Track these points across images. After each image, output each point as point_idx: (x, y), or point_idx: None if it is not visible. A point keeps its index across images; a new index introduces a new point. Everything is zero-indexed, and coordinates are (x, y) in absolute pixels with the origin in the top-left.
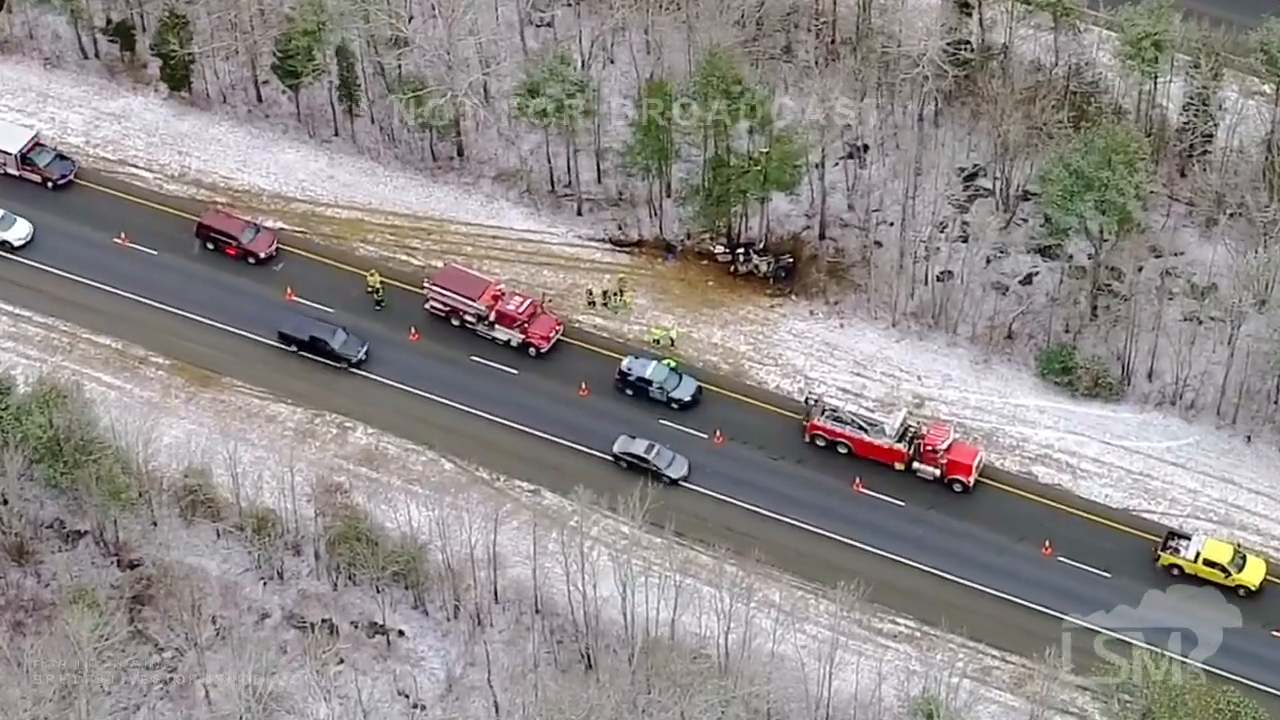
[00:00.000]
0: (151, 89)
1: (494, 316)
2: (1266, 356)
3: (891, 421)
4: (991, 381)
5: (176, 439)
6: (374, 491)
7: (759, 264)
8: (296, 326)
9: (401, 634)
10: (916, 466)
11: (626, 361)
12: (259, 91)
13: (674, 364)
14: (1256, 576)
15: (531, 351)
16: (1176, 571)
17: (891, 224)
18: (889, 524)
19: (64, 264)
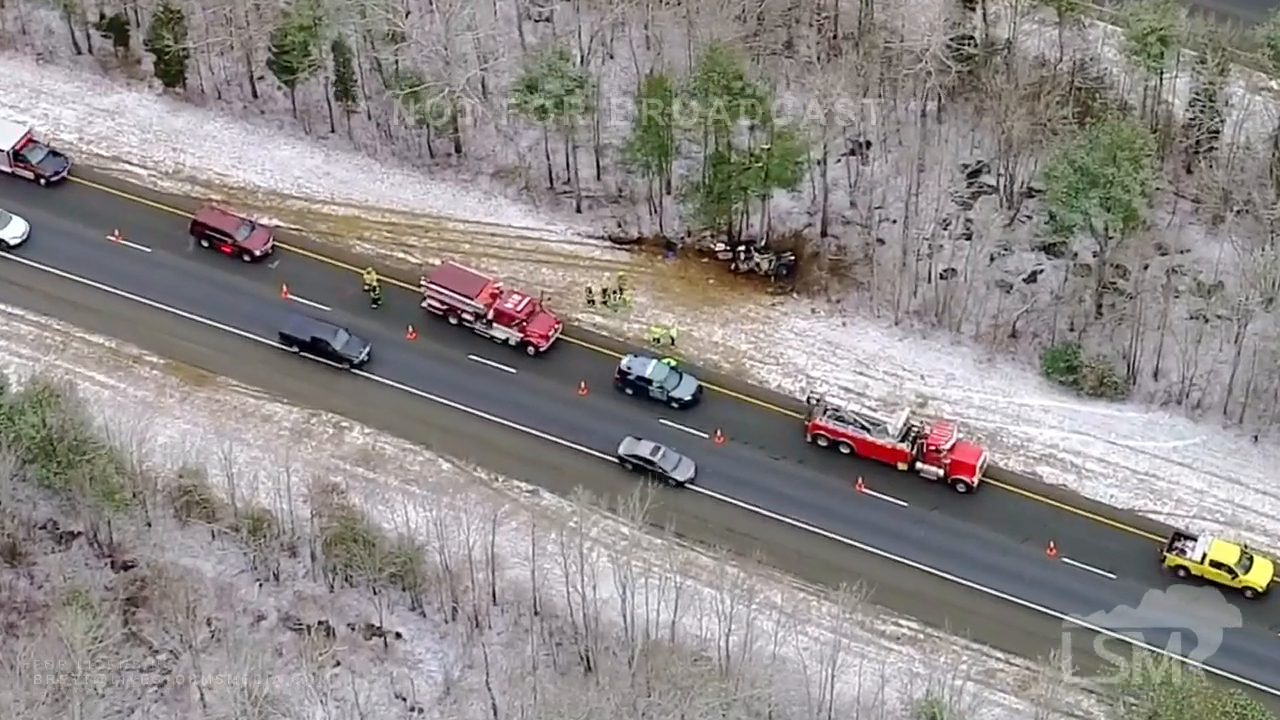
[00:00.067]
0: (146, 85)
1: (492, 315)
2: (1274, 355)
3: (894, 421)
4: (995, 380)
5: (171, 439)
6: (371, 492)
7: (760, 262)
8: (298, 327)
9: (399, 636)
10: (920, 467)
11: (626, 360)
12: (254, 87)
13: (674, 363)
14: (1264, 578)
15: (530, 350)
16: (1183, 573)
17: (894, 221)
18: (892, 525)
19: (57, 262)
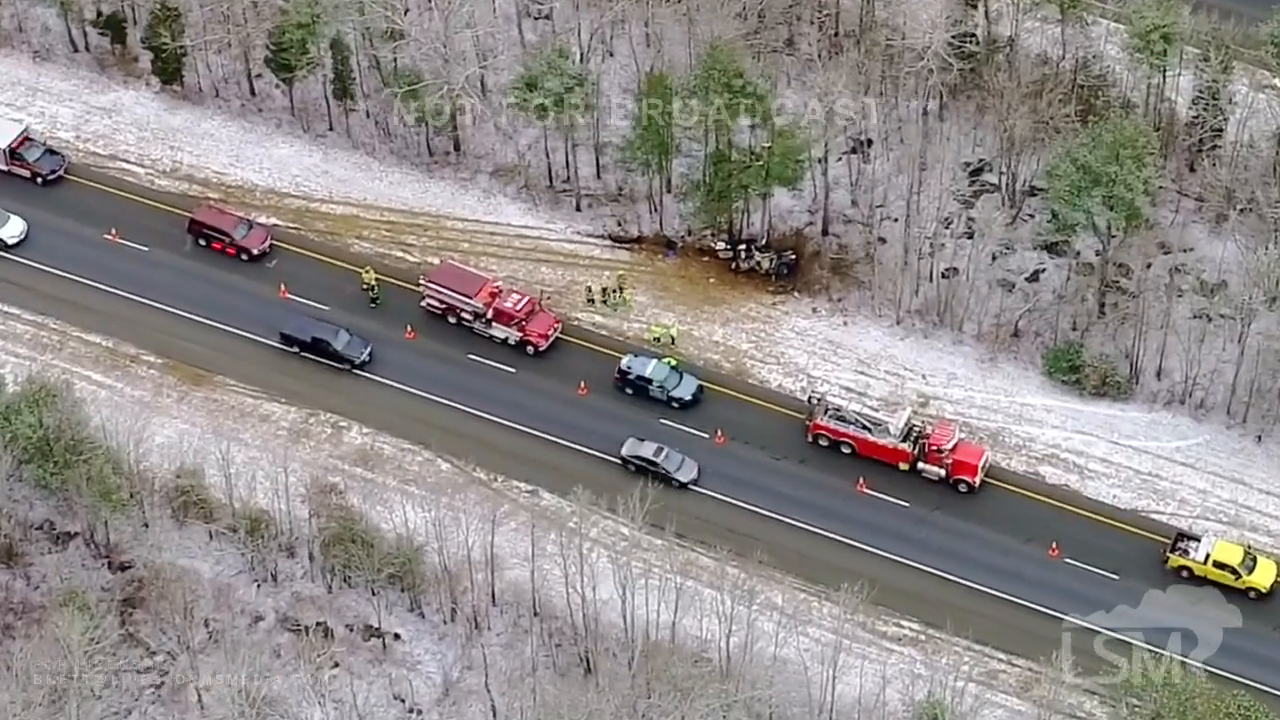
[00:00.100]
0: (143, 83)
1: (491, 314)
2: (1277, 354)
3: (896, 421)
4: (997, 380)
5: (168, 439)
6: (369, 492)
7: (761, 260)
8: (299, 327)
9: (397, 637)
10: (921, 467)
11: (626, 360)
12: (252, 85)
13: (674, 362)
14: (1267, 578)
15: (529, 350)
16: (1186, 573)
17: (896, 220)
18: (893, 525)
19: (54, 261)
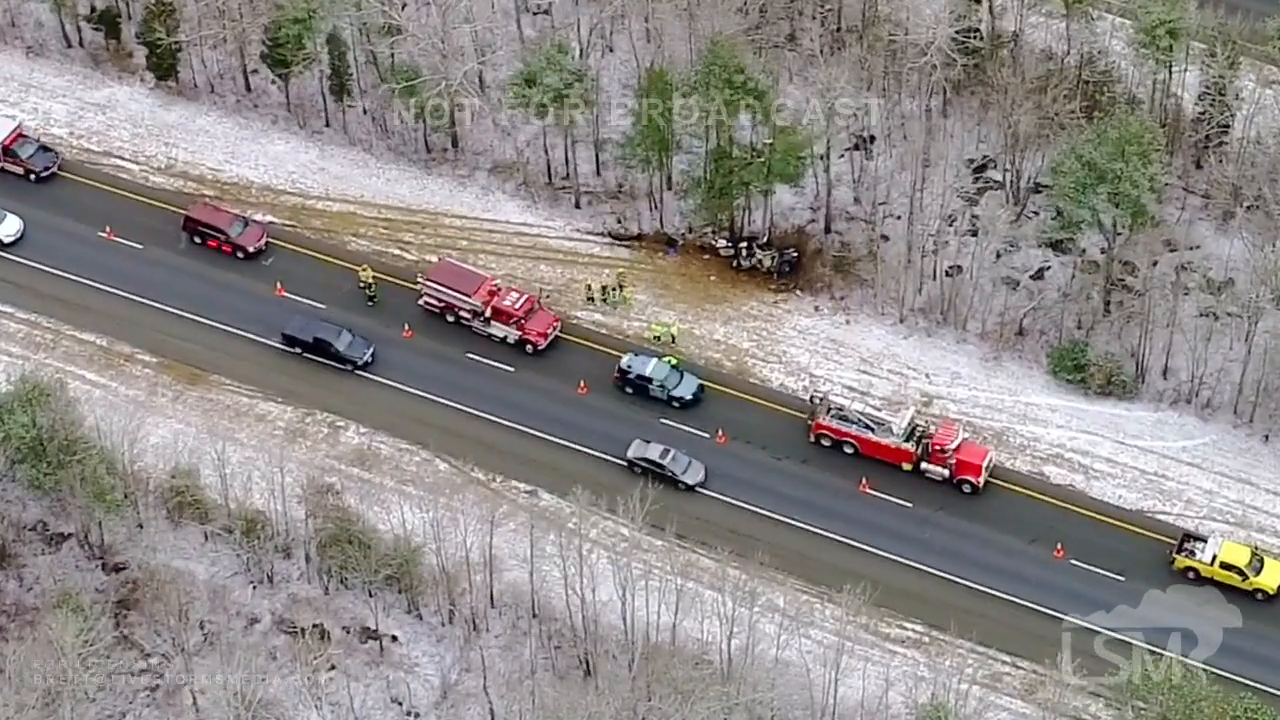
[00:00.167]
0: (137, 78)
1: (490, 312)
2: None
3: (899, 420)
4: (1002, 379)
5: (163, 439)
6: (366, 493)
7: (762, 258)
8: (301, 328)
9: (395, 639)
10: (925, 467)
11: (626, 359)
12: (248, 81)
13: (675, 361)
14: (1275, 579)
15: (529, 349)
16: (1192, 574)
17: (899, 217)
18: (896, 526)
19: (47, 258)
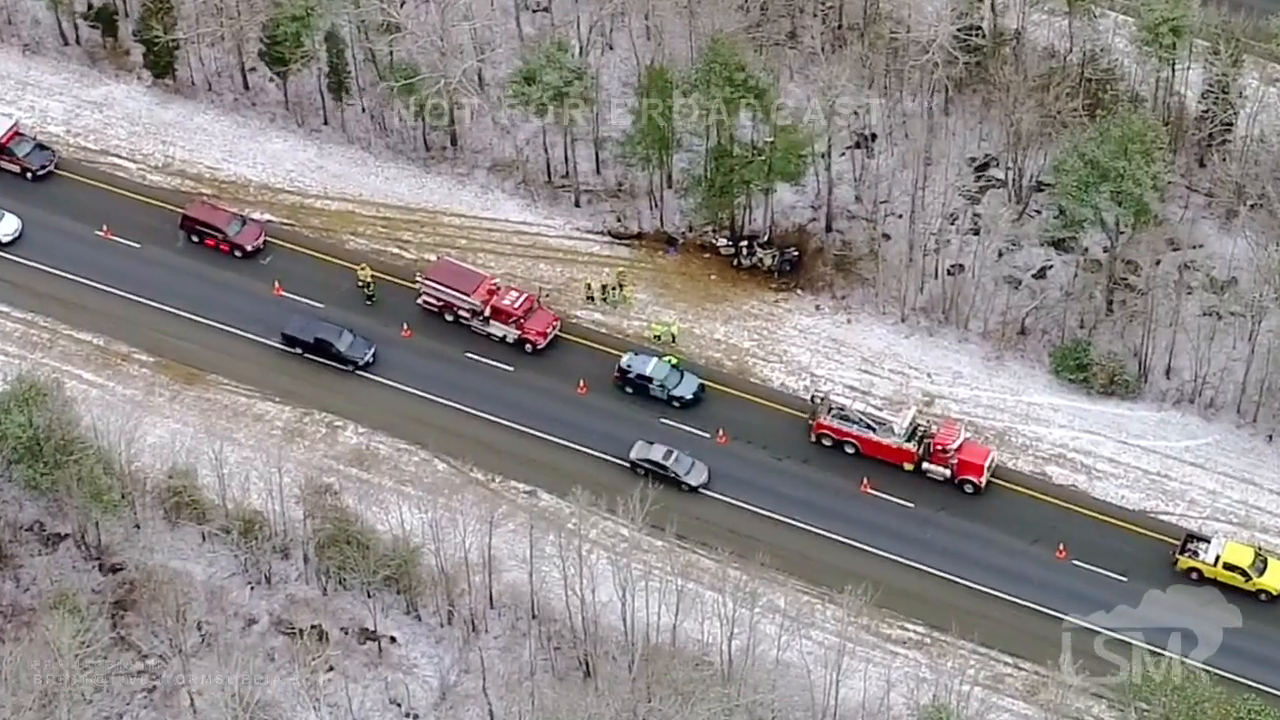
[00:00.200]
0: (134, 76)
1: (489, 312)
2: None
3: (900, 420)
4: (1004, 379)
5: (160, 438)
6: (365, 493)
7: (763, 257)
8: (301, 328)
9: (393, 640)
10: (926, 467)
11: (626, 358)
12: (245, 79)
13: (675, 361)
14: (1278, 580)
15: (528, 348)
16: (1195, 575)
17: (900, 216)
18: (898, 526)
19: (44, 257)
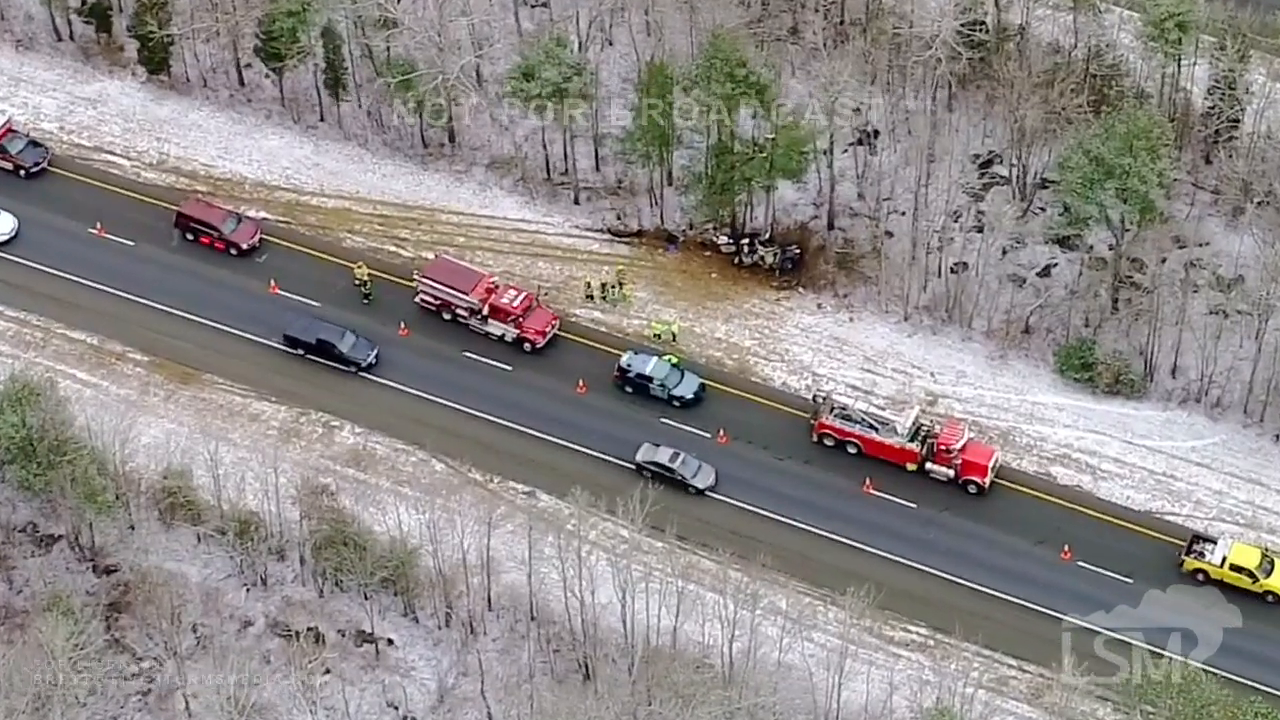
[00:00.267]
0: (129, 72)
1: (487, 310)
2: None
3: (903, 420)
4: (1008, 378)
5: (155, 439)
6: (362, 494)
7: (764, 255)
8: (303, 329)
9: (390, 642)
10: (929, 467)
11: (626, 357)
12: (241, 75)
13: (676, 360)
14: None
15: (526, 347)
16: (1202, 576)
17: (903, 213)
18: (900, 527)
19: (37, 256)
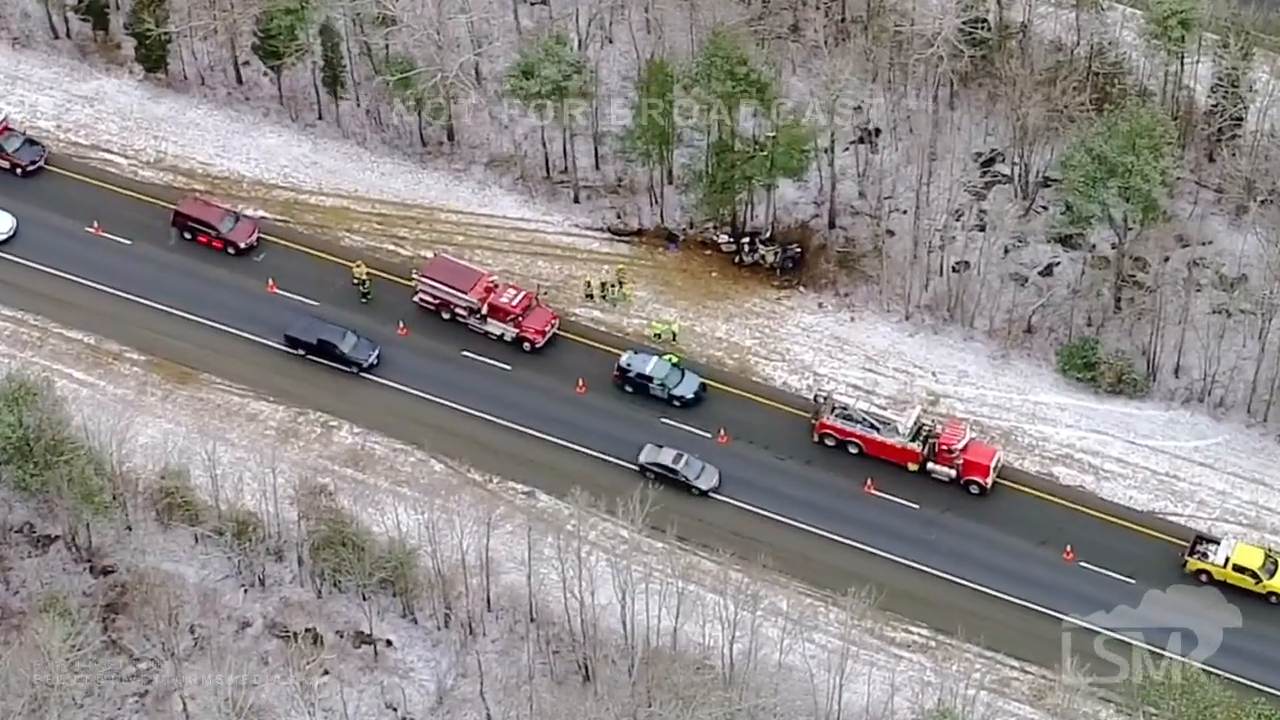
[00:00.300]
0: (126, 70)
1: (486, 310)
2: None
3: (905, 420)
4: (1010, 377)
5: (152, 439)
6: (360, 494)
7: (765, 254)
8: (305, 329)
9: (389, 644)
10: (931, 467)
11: (626, 357)
12: (239, 73)
13: (676, 359)
14: None
15: (526, 346)
16: (1205, 577)
17: (905, 212)
18: (902, 527)
19: (34, 254)
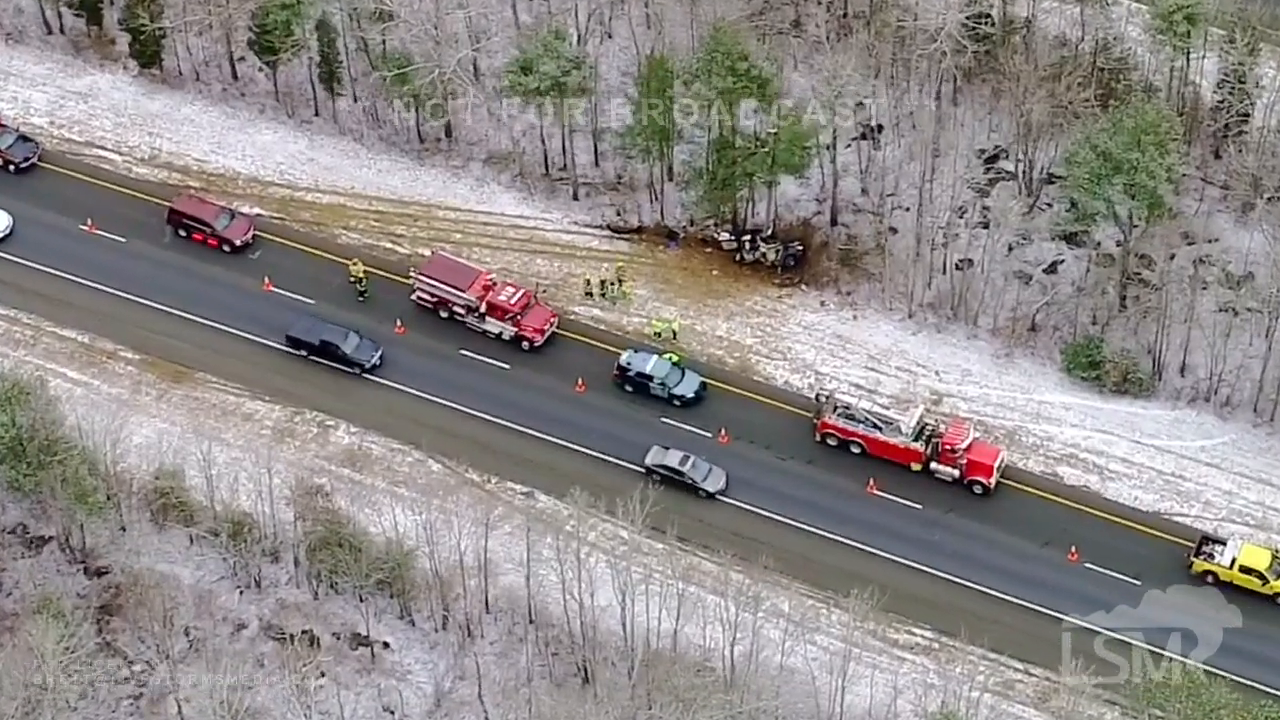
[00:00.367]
0: (120, 66)
1: (485, 308)
2: None
3: (907, 419)
4: (1014, 376)
5: (147, 438)
6: (357, 494)
7: (766, 252)
8: (307, 330)
9: (386, 646)
10: (934, 467)
11: (626, 356)
12: (234, 69)
13: (676, 358)
14: None
15: (525, 345)
16: (1211, 578)
17: (907, 209)
18: (905, 528)
19: (27, 252)
